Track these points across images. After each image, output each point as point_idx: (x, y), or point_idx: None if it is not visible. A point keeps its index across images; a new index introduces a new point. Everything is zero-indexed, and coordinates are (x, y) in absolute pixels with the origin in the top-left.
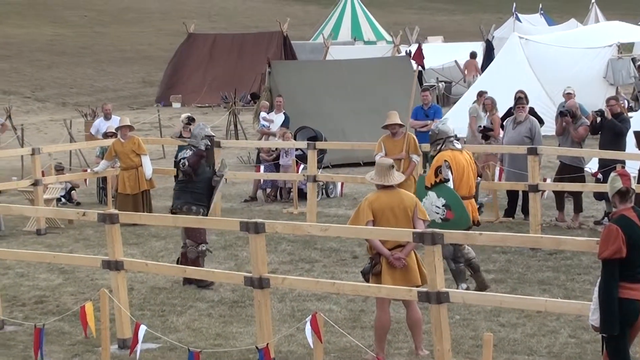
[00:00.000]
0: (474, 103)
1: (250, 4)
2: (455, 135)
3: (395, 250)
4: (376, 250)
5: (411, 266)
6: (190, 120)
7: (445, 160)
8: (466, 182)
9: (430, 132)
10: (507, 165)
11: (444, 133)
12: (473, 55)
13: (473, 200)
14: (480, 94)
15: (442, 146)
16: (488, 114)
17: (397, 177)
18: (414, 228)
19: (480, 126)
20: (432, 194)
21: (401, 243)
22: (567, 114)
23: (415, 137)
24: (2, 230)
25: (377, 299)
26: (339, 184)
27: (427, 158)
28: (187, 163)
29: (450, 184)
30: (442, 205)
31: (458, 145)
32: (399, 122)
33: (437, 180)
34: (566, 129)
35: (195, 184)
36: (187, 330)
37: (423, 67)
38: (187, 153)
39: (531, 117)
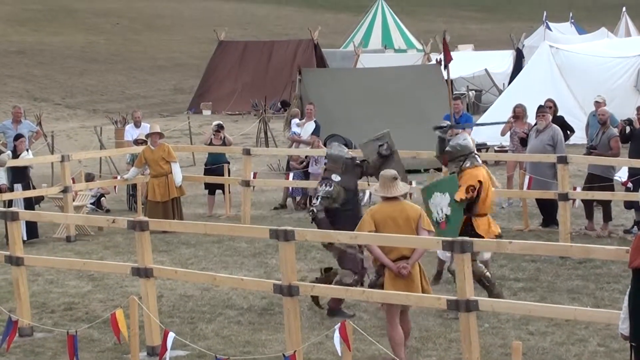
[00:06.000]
0: None
1: (282, 12)
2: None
3: (399, 262)
4: (380, 261)
5: (414, 278)
6: (220, 128)
7: (480, 181)
8: (490, 198)
9: (448, 149)
10: (528, 173)
11: (467, 149)
12: None
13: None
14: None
15: (464, 163)
16: (516, 122)
17: (401, 188)
18: None
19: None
20: (444, 198)
21: (405, 255)
22: (595, 148)
23: None
24: (37, 237)
25: (387, 316)
26: (367, 192)
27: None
28: None
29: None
30: (445, 214)
31: (479, 161)
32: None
33: (467, 197)
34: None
35: None
36: (216, 337)
37: (446, 64)
38: None
39: (554, 125)
